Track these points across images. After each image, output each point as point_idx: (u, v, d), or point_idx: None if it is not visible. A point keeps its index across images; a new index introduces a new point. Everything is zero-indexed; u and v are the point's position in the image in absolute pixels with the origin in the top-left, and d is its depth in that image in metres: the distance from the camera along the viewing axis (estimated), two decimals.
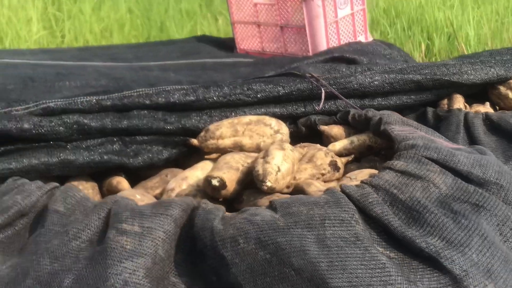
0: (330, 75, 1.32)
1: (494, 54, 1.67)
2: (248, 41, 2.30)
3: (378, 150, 1.23)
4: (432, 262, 0.85)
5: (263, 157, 1.04)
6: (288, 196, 0.98)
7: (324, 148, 1.18)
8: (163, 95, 1.19)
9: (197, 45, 2.21)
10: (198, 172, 1.15)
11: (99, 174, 1.18)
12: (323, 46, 2.08)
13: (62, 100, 1.14)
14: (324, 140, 1.28)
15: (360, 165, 1.17)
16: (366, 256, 0.81)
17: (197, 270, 0.88)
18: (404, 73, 1.38)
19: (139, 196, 1.05)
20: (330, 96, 1.31)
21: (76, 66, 1.62)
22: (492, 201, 0.95)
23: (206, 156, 1.19)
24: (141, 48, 2.20)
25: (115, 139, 1.15)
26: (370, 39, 2.30)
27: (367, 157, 1.22)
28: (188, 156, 1.22)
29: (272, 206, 0.89)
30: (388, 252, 0.85)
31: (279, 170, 1.02)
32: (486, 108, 1.47)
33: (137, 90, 1.19)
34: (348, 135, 1.26)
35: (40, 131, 1.09)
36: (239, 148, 1.16)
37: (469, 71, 1.44)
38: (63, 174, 1.12)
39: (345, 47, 1.94)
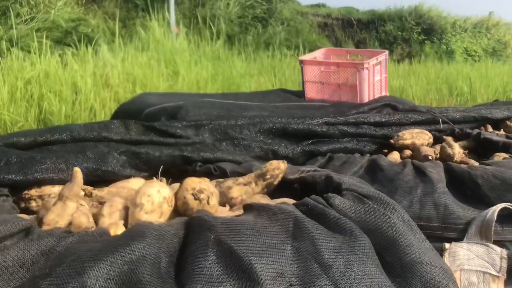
0: (441, 113, 2.52)
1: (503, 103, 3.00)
2: (313, 93, 3.45)
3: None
4: None
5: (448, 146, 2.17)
6: None
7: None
8: (371, 117, 2.31)
9: (283, 94, 3.34)
10: (395, 155, 2.26)
11: None
12: (365, 98, 3.28)
13: (328, 118, 2.22)
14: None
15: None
16: None
17: None
18: (468, 112, 2.62)
19: None
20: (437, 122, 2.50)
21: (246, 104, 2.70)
22: None
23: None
24: (256, 95, 3.29)
25: (354, 138, 2.23)
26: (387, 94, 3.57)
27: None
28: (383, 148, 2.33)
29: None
30: None
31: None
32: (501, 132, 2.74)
33: (357, 115, 2.30)
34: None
35: (325, 132, 2.15)
36: (413, 143, 2.30)
37: (495, 112, 2.71)
38: None
39: (384, 98, 3.18)
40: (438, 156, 2.17)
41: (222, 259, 0.94)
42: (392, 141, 2.29)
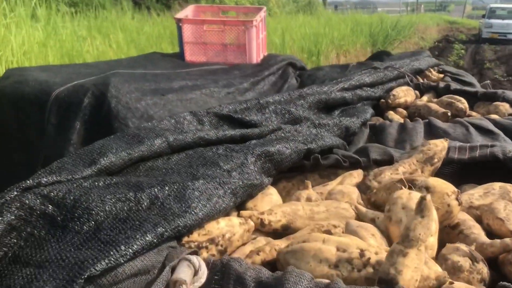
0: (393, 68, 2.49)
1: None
2: (195, 55, 3.09)
3: None
4: None
5: (457, 101, 2.15)
6: None
7: None
8: (365, 78, 2.15)
9: (170, 59, 2.97)
10: (393, 116, 2.15)
11: None
12: (254, 57, 3.10)
13: (341, 83, 1.98)
14: None
15: None
16: None
17: None
18: (407, 65, 2.65)
19: None
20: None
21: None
22: None
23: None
24: (143, 61, 2.79)
25: (362, 102, 2.05)
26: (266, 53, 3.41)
27: None
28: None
29: None
30: None
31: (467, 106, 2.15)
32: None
33: (358, 76, 2.12)
34: None
35: (351, 98, 1.92)
36: (405, 101, 2.22)
37: (421, 64, 2.80)
38: None
39: (279, 56, 3.11)
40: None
41: None
42: (389, 100, 2.18)
